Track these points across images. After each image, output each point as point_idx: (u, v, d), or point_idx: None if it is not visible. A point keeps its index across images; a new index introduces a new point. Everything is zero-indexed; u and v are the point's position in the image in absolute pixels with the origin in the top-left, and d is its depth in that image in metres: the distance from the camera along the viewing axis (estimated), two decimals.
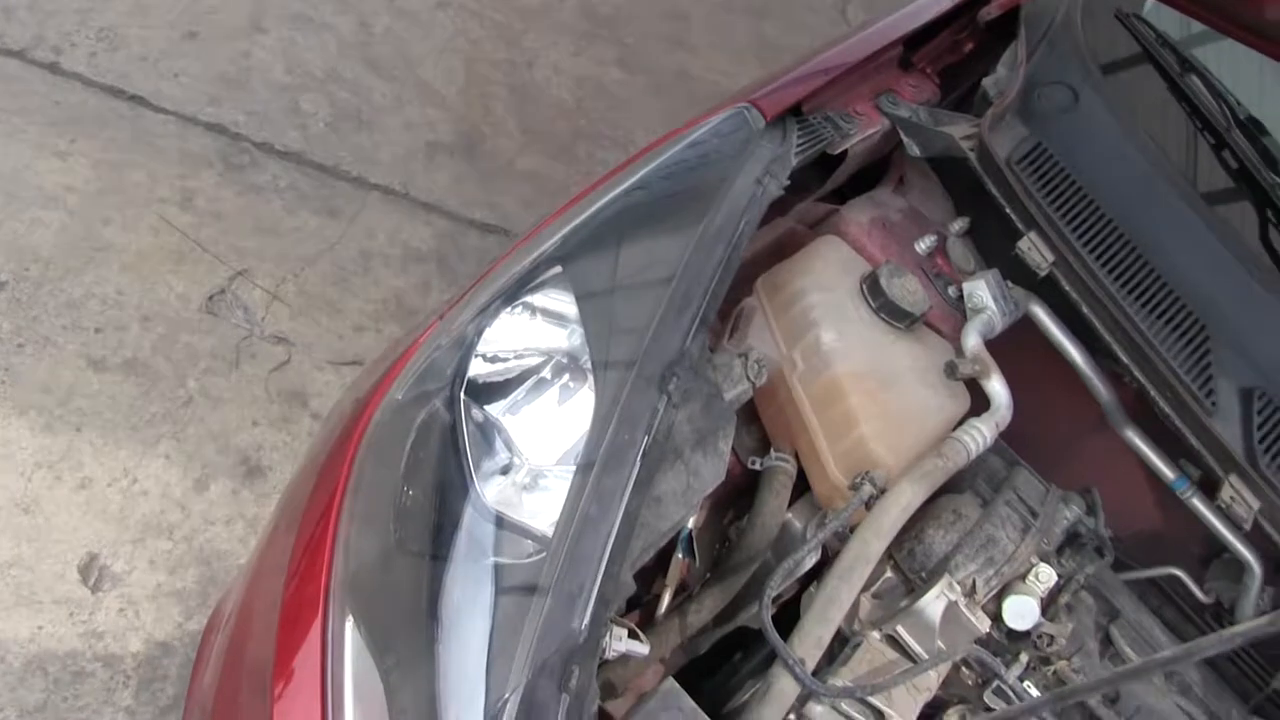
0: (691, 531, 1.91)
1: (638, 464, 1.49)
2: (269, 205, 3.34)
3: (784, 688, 1.64)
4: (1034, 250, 1.93)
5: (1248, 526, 1.84)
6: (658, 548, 1.58)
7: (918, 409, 1.87)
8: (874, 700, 1.68)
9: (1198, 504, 2.09)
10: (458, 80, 3.98)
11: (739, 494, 1.98)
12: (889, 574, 1.89)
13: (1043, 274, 1.93)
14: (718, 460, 1.63)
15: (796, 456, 1.92)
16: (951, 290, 2.06)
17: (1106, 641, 1.94)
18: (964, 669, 1.83)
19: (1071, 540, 2.00)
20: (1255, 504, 1.83)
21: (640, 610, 1.91)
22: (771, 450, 1.91)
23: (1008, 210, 1.97)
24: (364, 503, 1.56)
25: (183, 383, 2.94)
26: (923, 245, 2.09)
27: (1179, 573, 2.30)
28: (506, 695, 1.34)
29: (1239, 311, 1.96)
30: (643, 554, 1.53)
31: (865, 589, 1.87)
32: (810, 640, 1.63)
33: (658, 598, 1.85)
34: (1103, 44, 2.22)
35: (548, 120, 4.01)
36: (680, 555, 1.91)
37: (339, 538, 1.56)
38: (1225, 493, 1.83)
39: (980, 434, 1.83)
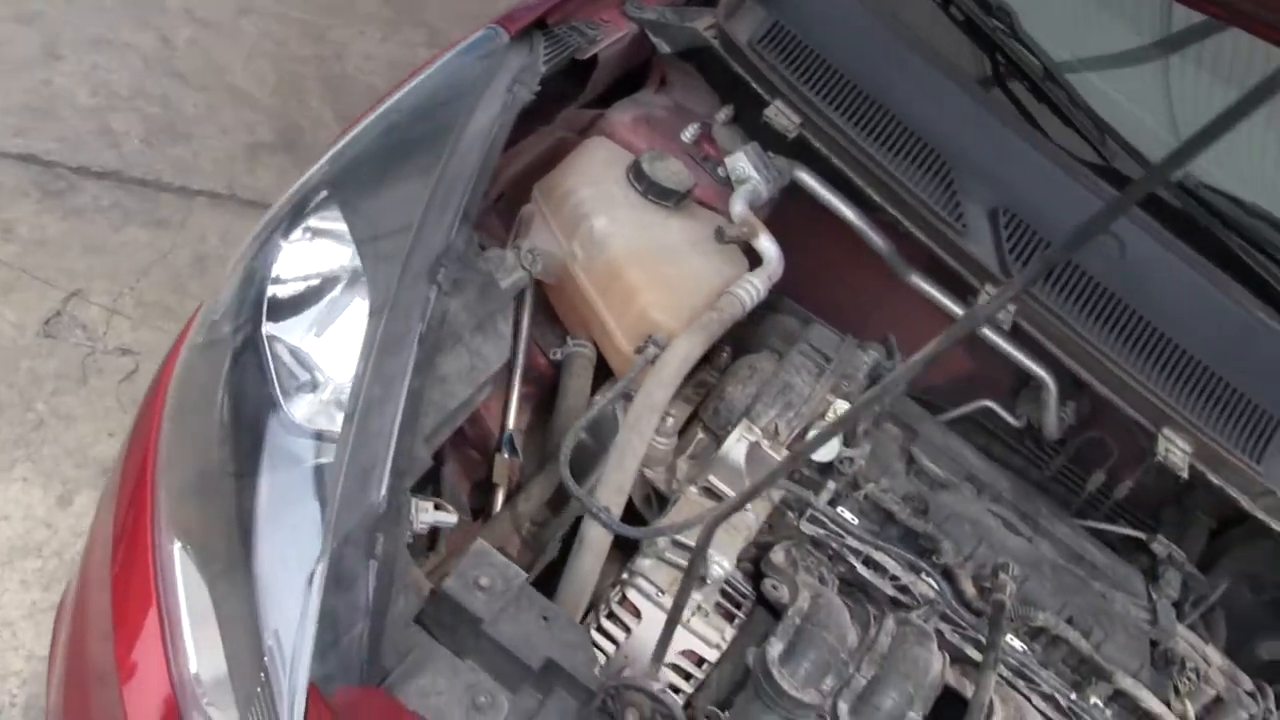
0: (511, 433, 2.02)
1: (415, 348, 1.60)
2: (94, 225, 3.39)
3: (594, 537, 1.77)
4: (780, 116, 2.07)
5: (1007, 327, 1.99)
6: (453, 425, 1.68)
7: (695, 276, 1.99)
8: (690, 540, 1.79)
9: (986, 331, 2.24)
10: (269, 81, 4.05)
11: (556, 392, 2.09)
12: (700, 435, 2.02)
13: (792, 136, 2.06)
14: (499, 341, 1.74)
15: (595, 343, 2.04)
16: (721, 171, 2.19)
17: (911, 462, 2.08)
18: (789, 512, 1.95)
19: (875, 382, 2.14)
20: (1012, 308, 1.98)
21: (481, 517, 2.01)
22: (568, 339, 2.03)
23: (753, 85, 2.10)
24: (180, 440, 1.66)
25: (31, 406, 2.98)
26: (688, 134, 2.22)
27: (989, 403, 2.45)
28: (313, 566, 1.44)
29: (978, 145, 2.12)
30: (437, 430, 1.63)
31: (680, 453, 2.00)
32: (611, 488, 1.75)
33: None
34: None
35: (364, 106, 4.08)
36: (505, 455, 2.01)
37: (158, 475, 1.66)
38: (981, 299, 1.98)
39: (753, 286, 1.96)
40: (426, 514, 1.60)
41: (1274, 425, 2.03)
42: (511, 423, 2.03)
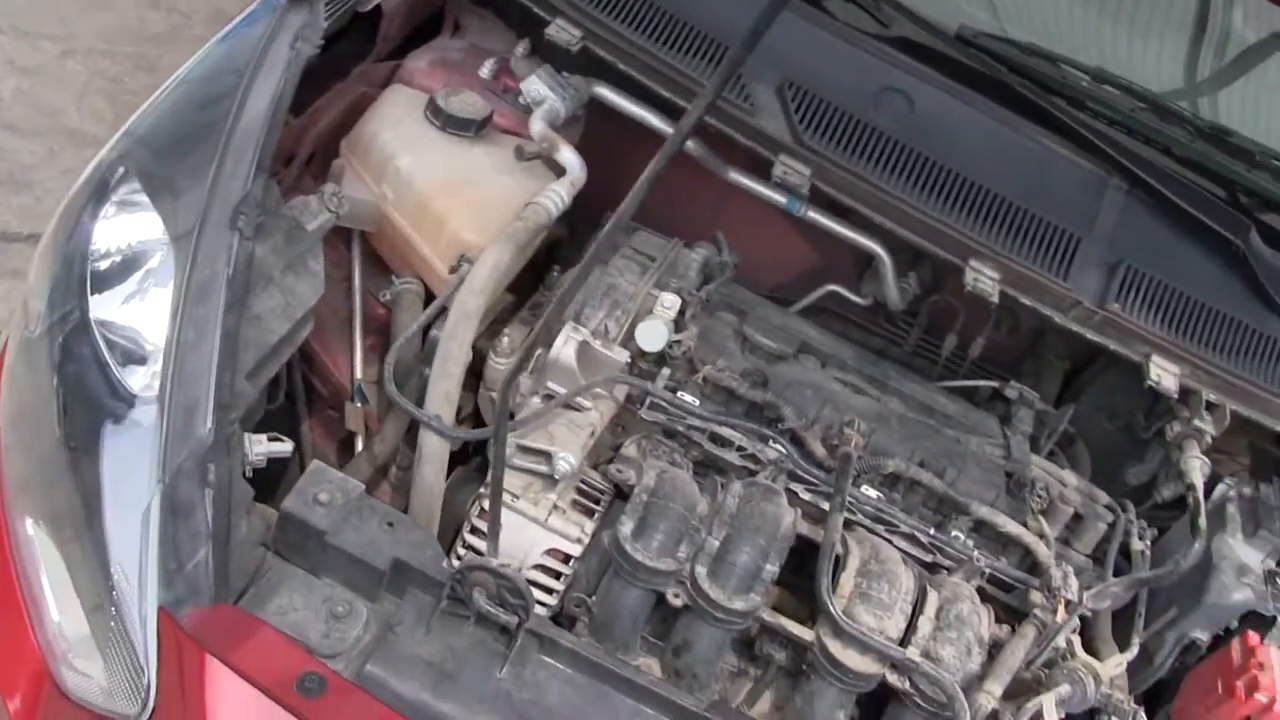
0: (360, 382, 2.07)
1: (223, 291, 1.65)
2: None
3: (431, 446, 1.83)
4: (561, 32, 2.15)
5: (805, 191, 2.07)
6: (278, 360, 1.73)
7: (502, 196, 2.06)
8: (535, 444, 1.85)
9: (815, 215, 2.33)
10: (107, 117, 4.05)
11: None
12: (540, 352, 2.08)
13: (575, 48, 2.13)
14: (311, 278, 1.80)
15: (421, 278, 2.10)
16: (523, 99, 2.25)
17: (746, 341, 2.16)
18: (641, 409, 2.01)
19: (708, 278, 2.22)
20: (806, 170, 2.07)
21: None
22: (393, 278, 2.08)
23: (533, 8, 2.17)
24: (20, 426, 1.70)
25: None
26: (485, 70, 2.29)
27: (834, 287, 2.54)
28: (148, 501, 1.49)
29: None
30: (261, 365, 1.68)
31: (520, 371, 2.05)
32: (438, 397, 1.82)
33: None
34: None
35: None
36: (357, 404, 2.07)
37: (3, 464, 1.70)
38: (777, 170, 2.06)
39: (557, 194, 2.03)
40: (260, 445, 1.65)
41: (1075, 242, 2.13)
42: (359, 374, 2.08)
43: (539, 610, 1.71)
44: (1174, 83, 2.56)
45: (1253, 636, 1.98)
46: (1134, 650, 2.05)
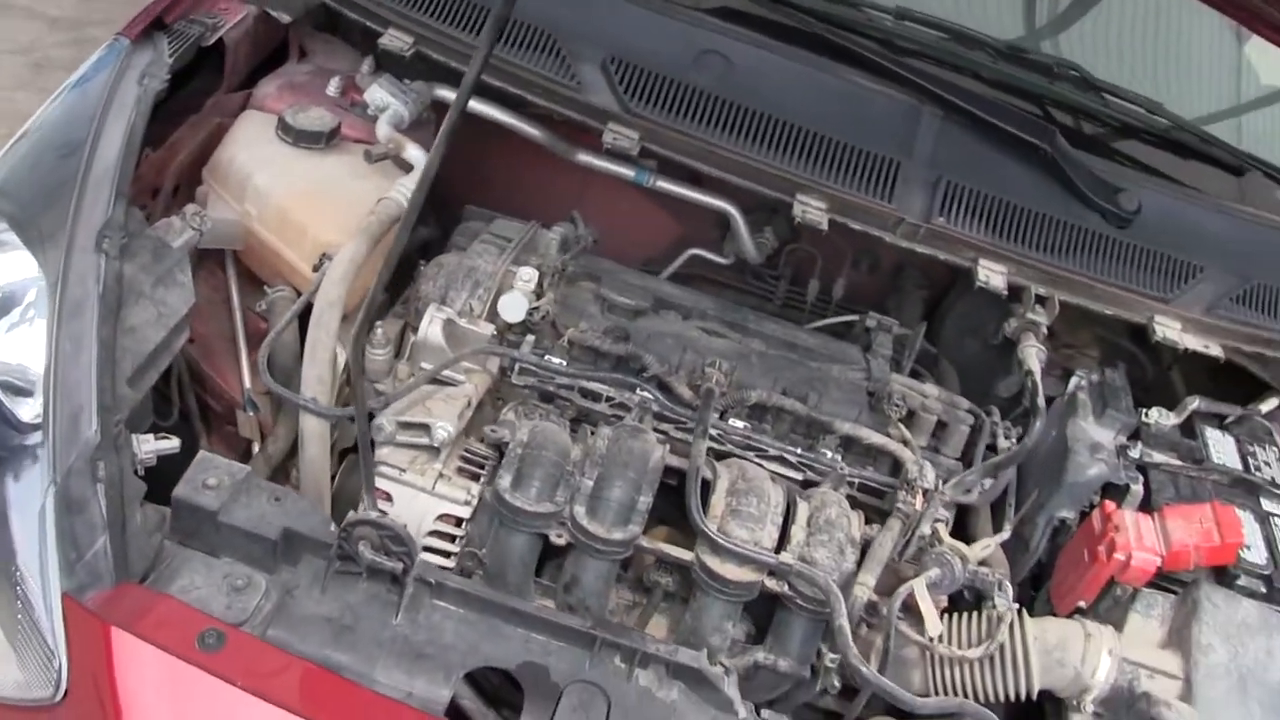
0: (249, 392, 2.19)
1: (96, 306, 1.78)
2: None
3: (311, 427, 1.96)
4: (394, 40, 2.29)
5: (635, 151, 2.22)
6: (157, 367, 1.86)
7: (356, 197, 2.19)
8: (414, 418, 1.98)
9: (665, 184, 2.49)
10: None
11: None
12: (412, 337, 2.21)
13: (409, 54, 2.28)
14: (181, 289, 1.92)
15: (291, 285, 2.22)
16: (370, 111, 2.39)
17: (605, 303, 2.30)
18: (512, 376, 2.15)
19: (568, 253, 2.36)
20: (634, 134, 2.22)
21: None
22: (266, 289, 2.21)
23: (366, 22, 2.31)
24: None
25: None
26: (332, 88, 2.42)
27: (697, 251, 2.70)
28: (40, 501, 1.60)
29: (576, 12, 2.35)
30: (140, 372, 1.80)
31: (399, 357, 2.18)
32: (311, 381, 1.95)
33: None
34: None
35: None
36: (249, 412, 2.19)
37: None
38: (607, 137, 2.22)
39: (406, 188, 2.16)
40: (148, 444, 1.77)
41: (896, 166, 2.29)
42: (248, 384, 2.20)
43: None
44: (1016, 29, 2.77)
45: (1109, 505, 2.12)
46: (1006, 533, 2.19)
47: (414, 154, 2.23)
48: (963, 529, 2.24)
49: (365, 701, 1.57)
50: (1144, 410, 2.36)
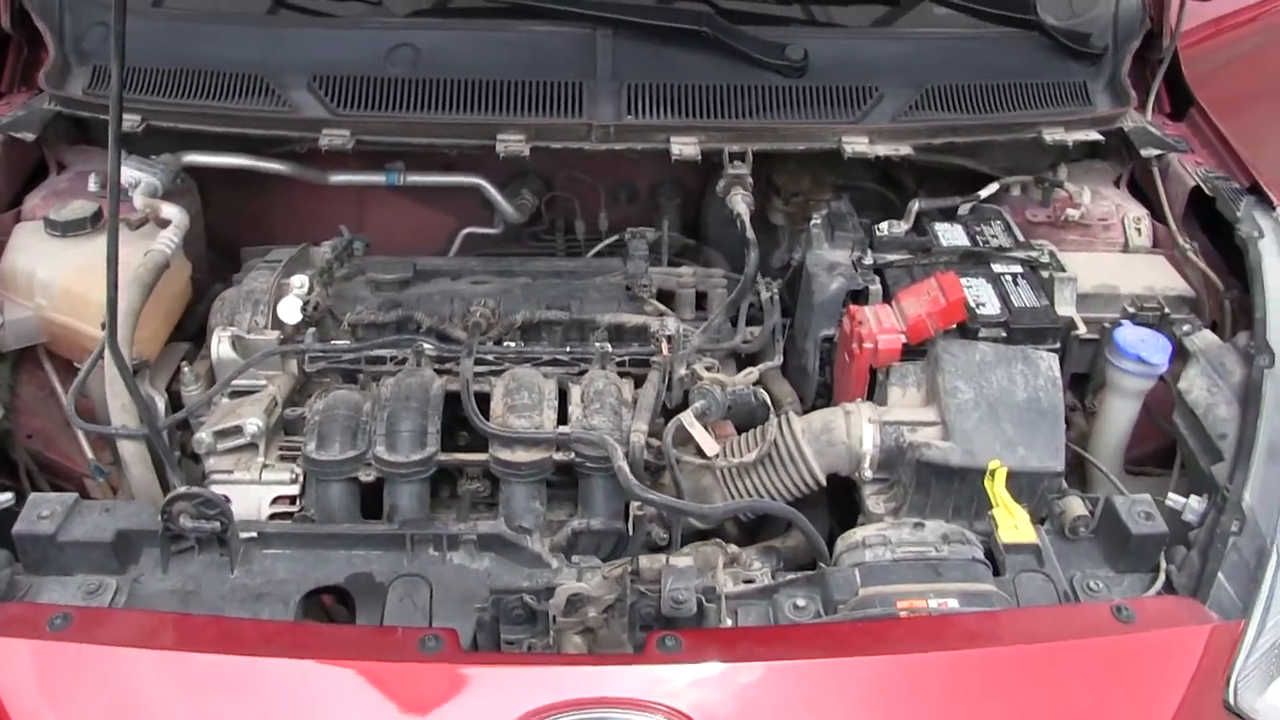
0: (94, 461, 2.45)
1: None
2: None
3: (129, 451, 2.22)
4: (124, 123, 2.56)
5: (350, 146, 2.53)
6: None
7: (129, 261, 2.43)
8: (226, 424, 2.24)
9: (415, 177, 2.81)
10: None
11: None
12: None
13: (140, 129, 2.56)
14: None
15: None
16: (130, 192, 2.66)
17: (373, 283, 2.58)
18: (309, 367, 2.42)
19: (341, 261, 2.64)
20: (345, 132, 2.53)
21: None
22: (75, 364, 2.47)
23: (95, 115, 2.60)
24: None
25: None
26: (92, 184, 2.69)
27: (470, 229, 2.99)
28: None
29: (273, 49, 2.66)
30: None
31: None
32: (117, 411, 2.20)
33: None
34: None
35: None
36: (98, 479, 2.45)
37: None
38: (322, 141, 2.51)
39: (167, 240, 2.43)
40: None
41: (580, 87, 2.59)
42: (91, 456, 2.46)
43: None
44: None
45: (853, 307, 2.40)
46: (776, 361, 2.48)
47: (170, 211, 2.50)
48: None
49: (217, 625, 1.81)
50: (876, 225, 2.65)
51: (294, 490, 2.22)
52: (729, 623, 1.85)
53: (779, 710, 1.72)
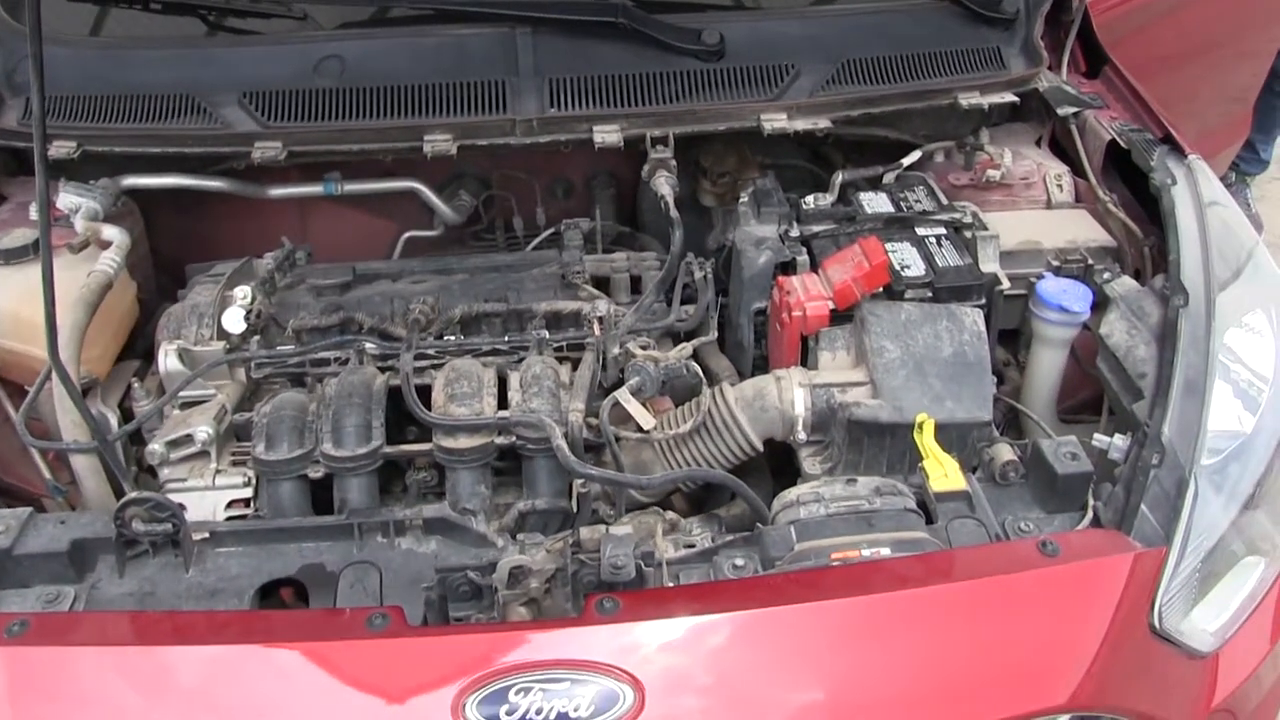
0: (51, 481, 2.50)
1: None
2: None
3: (81, 465, 2.28)
4: (59, 149, 2.63)
5: (282, 157, 2.59)
6: None
7: (73, 283, 2.47)
8: (176, 433, 2.29)
9: (351, 186, 2.89)
10: None
11: None
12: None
13: (76, 155, 2.62)
14: None
15: None
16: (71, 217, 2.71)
17: (315, 289, 2.64)
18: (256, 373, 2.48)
19: (286, 267, 2.70)
20: (277, 144, 2.60)
21: None
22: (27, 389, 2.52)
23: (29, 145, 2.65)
24: None
25: None
26: (33, 213, 2.74)
27: (410, 233, 3.05)
28: None
29: (201, 73, 2.73)
30: None
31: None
32: (68, 427, 2.25)
33: None
34: None
35: None
36: (57, 498, 2.51)
37: None
38: (255, 154, 2.59)
39: (109, 260, 2.49)
40: None
41: (503, 84, 2.68)
42: (49, 476, 2.52)
43: None
44: None
45: (781, 278, 2.47)
46: (710, 336, 2.55)
47: (110, 233, 2.56)
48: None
49: (171, 619, 1.87)
50: (802, 199, 2.72)
51: (247, 493, 2.28)
52: (669, 585, 1.92)
53: (717, 662, 1.78)
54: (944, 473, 2.13)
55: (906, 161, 2.87)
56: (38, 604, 1.98)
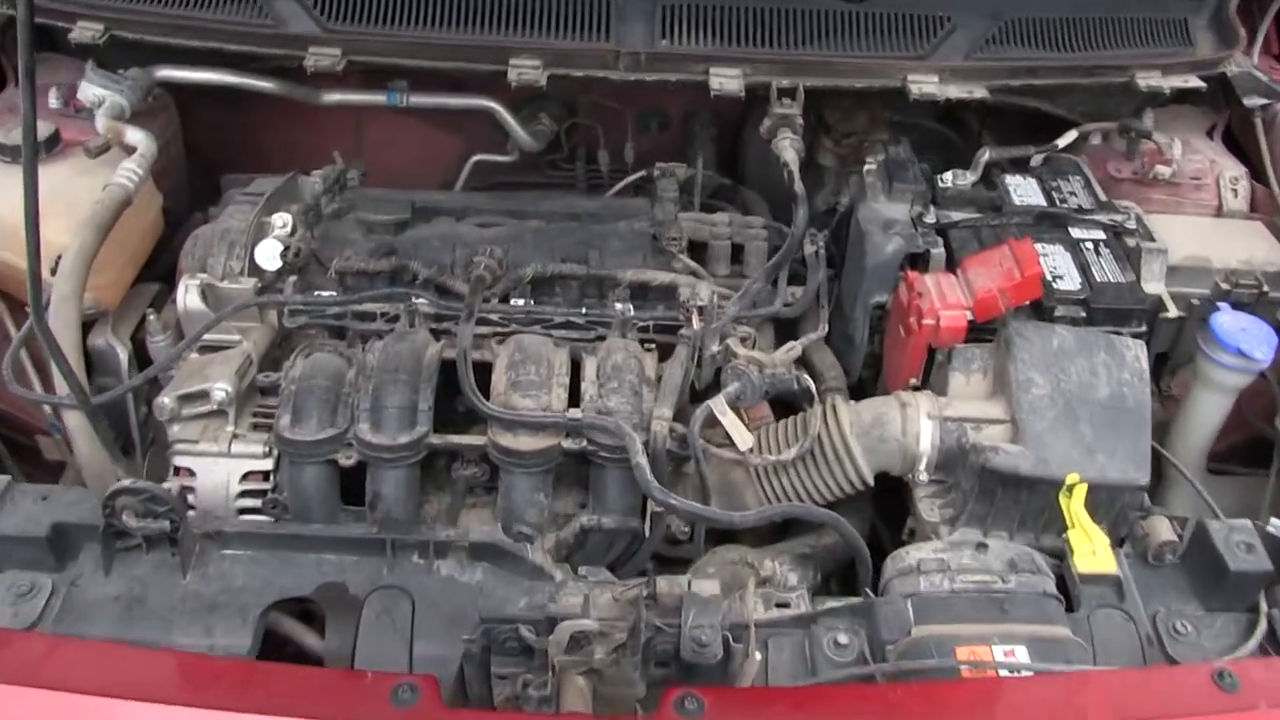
0: (51, 420, 2.18)
1: None
2: None
3: (74, 422, 1.95)
4: (84, 32, 2.27)
5: (340, 68, 2.20)
6: None
7: (86, 193, 2.14)
8: (190, 388, 1.96)
9: (419, 99, 2.52)
10: None
11: None
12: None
13: (103, 41, 2.25)
14: None
15: None
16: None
17: (364, 225, 2.28)
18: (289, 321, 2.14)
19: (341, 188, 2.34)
20: (336, 51, 2.21)
21: None
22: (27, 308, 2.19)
23: (53, 22, 2.28)
24: None
25: None
26: (53, 100, 2.39)
27: (481, 156, 2.68)
28: None
29: None
30: None
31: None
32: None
33: None
34: None
35: None
36: (55, 436, 2.18)
37: None
38: (308, 61, 2.20)
39: (130, 171, 2.13)
40: None
41: (608, 6, 2.26)
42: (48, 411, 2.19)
43: None
44: None
45: (911, 274, 2.09)
46: (821, 332, 2.17)
47: (135, 137, 2.20)
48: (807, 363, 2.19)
49: (148, 662, 1.54)
50: (939, 175, 2.32)
51: (267, 465, 1.96)
52: (758, 657, 1.56)
53: None
54: (1092, 549, 1.79)
55: (1062, 143, 2.45)
56: (8, 596, 1.67)
